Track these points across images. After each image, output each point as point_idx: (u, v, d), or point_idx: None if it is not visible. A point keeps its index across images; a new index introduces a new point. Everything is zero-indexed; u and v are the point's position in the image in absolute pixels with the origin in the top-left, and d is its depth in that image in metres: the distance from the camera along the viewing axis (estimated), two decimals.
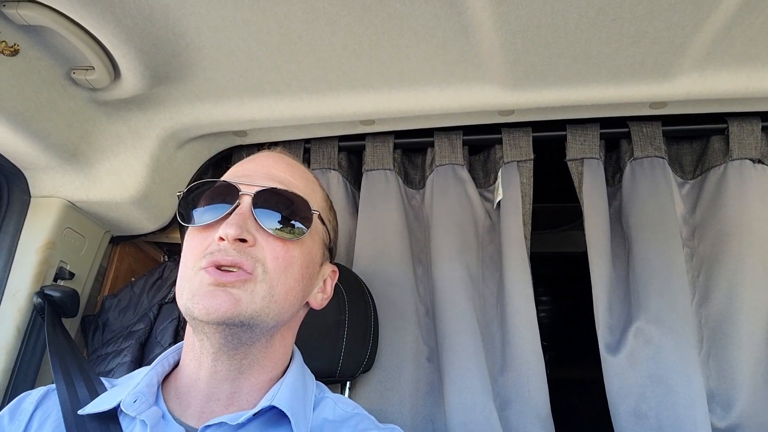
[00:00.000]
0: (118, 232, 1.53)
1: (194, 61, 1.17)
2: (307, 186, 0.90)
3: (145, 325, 1.41)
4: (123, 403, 0.80)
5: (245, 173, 0.86)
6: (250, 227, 0.79)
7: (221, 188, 0.82)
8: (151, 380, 0.84)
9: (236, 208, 0.80)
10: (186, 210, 0.83)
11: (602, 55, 1.14)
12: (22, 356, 1.25)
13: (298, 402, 0.83)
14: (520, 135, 1.49)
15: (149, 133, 1.35)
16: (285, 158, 0.92)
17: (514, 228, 1.41)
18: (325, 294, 0.93)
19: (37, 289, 1.27)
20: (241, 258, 0.76)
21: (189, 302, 0.76)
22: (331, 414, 0.88)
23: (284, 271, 0.80)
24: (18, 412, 0.86)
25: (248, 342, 0.80)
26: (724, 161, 1.41)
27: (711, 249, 1.37)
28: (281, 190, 0.83)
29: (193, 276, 0.77)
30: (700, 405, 1.20)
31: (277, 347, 0.87)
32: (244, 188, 0.81)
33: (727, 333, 1.28)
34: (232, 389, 0.82)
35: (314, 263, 0.87)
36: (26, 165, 1.27)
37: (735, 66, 1.19)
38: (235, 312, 0.75)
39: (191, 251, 0.80)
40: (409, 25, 1.07)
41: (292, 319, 0.88)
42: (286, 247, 0.81)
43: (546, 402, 1.29)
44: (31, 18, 0.99)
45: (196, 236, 0.81)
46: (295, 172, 0.89)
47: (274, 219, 0.80)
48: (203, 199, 0.83)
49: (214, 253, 0.76)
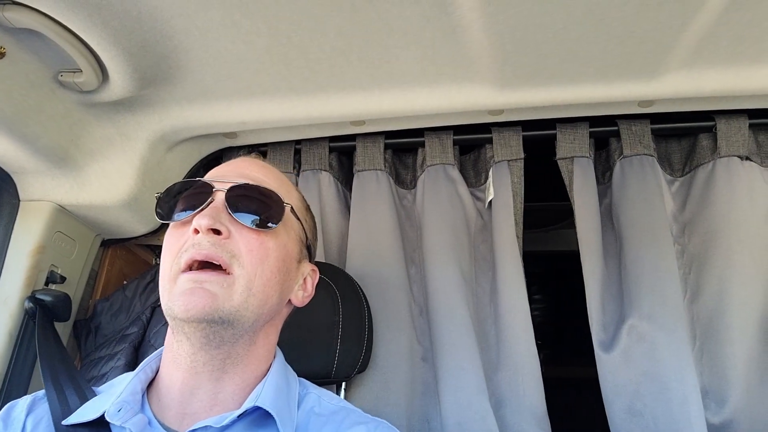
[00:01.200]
0: (108, 236, 1.52)
1: (183, 63, 1.17)
2: (281, 185, 0.91)
3: (138, 329, 1.41)
4: (107, 413, 0.79)
5: (220, 174, 0.89)
6: (224, 220, 0.80)
7: (197, 187, 0.85)
8: (135, 388, 0.83)
9: (211, 202, 0.82)
10: (164, 209, 0.86)
11: (590, 54, 1.14)
12: (15, 362, 1.24)
13: (282, 401, 0.83)
14: (510, 134, 1.49)
15: (139, 136, 1.35)
16: (259, 162, 0.94)
17: (506, 227, 1.41)
18: (306, 292, 0.94)
19: (29, 294, 1.26)
20: (216, 251, 0.77)
21: (169, 302, 0.77)
22: (317, 408, 0.88)
23: (260, 263, 0.81)
24: (10, 420, 0.86)
25: (231, 340, 0.80)
26: (713, 159, 1.42)
27: (701, 246, 1.38)
28: (253, 185, 0.85)
29: (173, 278, 0.78)
30: (694, 401, 1.20)
31: (261, 345, 0.86)
32: (217, 185, 0.83)
33: (719, 329, 1.29)
34: (216, 389, 0.82)
35: (290, 258, 0.88)
36: (15, 169, 1.26)
37: (722, 64, 1.19)
38: (213, 308, 0.75)
39: (169, 250, 0.81)
40: (399, 25, 1.07)
41: (274, 316, 0.88)
42: (261, 239, 0.82)
43: (541, 400, 1.29)
44: (18, 21, 0.98)
45: (174, 234, 0.83)
46: (269, 173, 0.92)
47: (247, 212, 0.82)
48: (180, 198, 0.85)
49: (188, 250, 0.78)
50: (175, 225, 0.84)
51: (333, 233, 1.53)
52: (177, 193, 0.85)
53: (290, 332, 1.00)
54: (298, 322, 1.03)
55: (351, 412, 0.88)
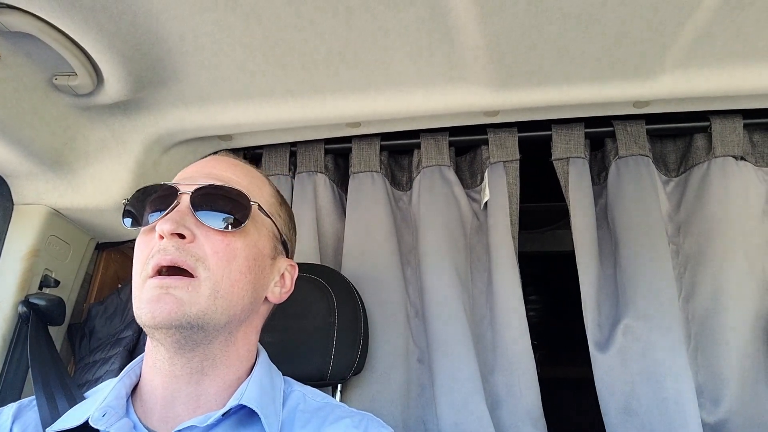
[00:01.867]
0: (103, 239, 1.52)
1: (178, 66, 1.17)
2: (251, 182, 0.90)
3: (133, 332, 1.40)
4: (91, 418, 0.78)
5: (187, 175, 0.88)
6: (189, 223, 0.79)
7: (163, 191, 0.84)
8: (119, 392, 0.83)
9: (175, 206, 0.81)
10: (133, 216, 0.85)
11: (585, 55, 1.14)
12: (8, 366, 1.23)
13: (267, 398, 0.83)
14: (505, 135, 1.50)
15: (134, 139, 1.34)
16: (229, 159, 0.93)
17: (502, 228, 1.41)
18: (285, 288, 0.93)
19: (22, 298, 1.26)
20: (180, 256, 0.77)
21: (138, 310, 0.77)
22: (301, 406, 0.87)
23: (227, 264, 0.80)
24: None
25: (204, 342, 0.80)
26: (708, 159, 1.42)
27: (696, 245, 1.38)
28: (218, 186, 0.84)
29: (142, 284, 0.78)
30: (690, 400, 1.21)
31: (241, 345, 0.86)
32: (182, 188, 0.83)
33: (714, 328, 1.29)
34: (197, 392, 0.81)
35: (263, 256, 0.87)
36: (8, 172, 1.26)
37: (717, 65, 1.20)
38: (179, 313, 0.75)
39: (138, 257, 0.81)
40: (394, 27, 1.07)
41: (251, 315, 0.87)
42: (227, 240, 0.81)
43: (537, 401, 1.30)
44: (13, 24, 0.98)
45: (142, 240, 0.82)
46: (238, 170, 0.90)
47: (213, 214, 0.81)
48: (148, 204, 0.84)
49: (154, 255, 0.77)
50: (143, 231, 0.83)
51: (329, 235, 1.52)
52: (144, 198, 0.85)
53: (285, 334, 1.00)
54: (294, 324, 1.03)
55: (336, 407, 0.88)
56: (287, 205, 0.99)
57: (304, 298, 1.20)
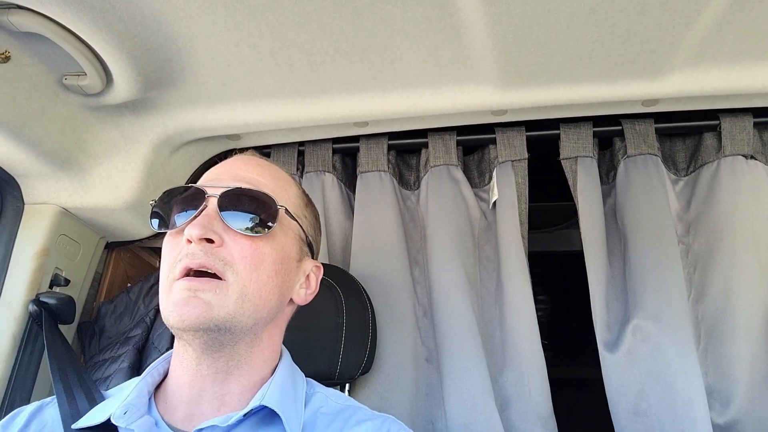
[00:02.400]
0: (113, 238, 1.52)
1: (187, 66, 1.17)
2: (277, 184, 0.90)
3: (142, 331, 1.41)
4: (113, 415, 0.79)
5: (214, 176, 0.88)
6: (217, 228, 0.79)
7: (190, 193, 0.83)
8: (141, 390, 0.84)
9: (203, 210, 0.81)
10: (160, 218, 0.85)
11: (594, 54, 1.14)
12: (19, 364, 1.24)
13: (288, 400, 0.83)
14: (513, 134, 1.49)
15: (143, 138, 1.35)
16: (255, 159, 0.93)
17: (511, 227, 1.41)
18: (310, 289, 0.93)
19: (33, 297, 1.26)
20: (209, 260, 0.77)
21: (166, 311, 0.77)
22: (324, 407, 0.88)
23: (255, 269, 0.80)
24: (12, 426, 0.86)
25: (230, 343, 0.81)
26: (717, 158, 1.41)
27: (706, 245, 1.37)
28: (246, 189, 0.83)
29: (169, 286, 0.78)
30: (700, 401, 1.20)
31: (266, 346, 0.87)
32: (210, 191, 0.82)
33: (724, 329, 1.29)
34: (222, 391, 0.82)
35: (289, 259, 0.87)
36: (19, 172, 1.27)
37: (726, 63, 1.19)
38: (208, 317, 0.75)
39: (165, 259, 0.81)
40: (401, 27, 1.07)
41: (276, 316, 0.87)
42: (255, 245, 0.81)
43: (548, 401, 1.29)
44: (23, 25, 0.98)
45: (170, 242, 0.82)
46: (264, 171, 0.90)
47: (240, 217, 0.81)
48: (174, 205, 0.84)
49: (183, 259, 0.78)
50: (171, 233, 0.83)
51: (337, 234, 1.53)
52: (171, 199, 0.84)
53: (294, 333, 0.99)
54: (302, 323, 1.03)
55: (358, 410, 0.88)
56: (313, 205, 0.99)
57: (313, 298, 1.20)
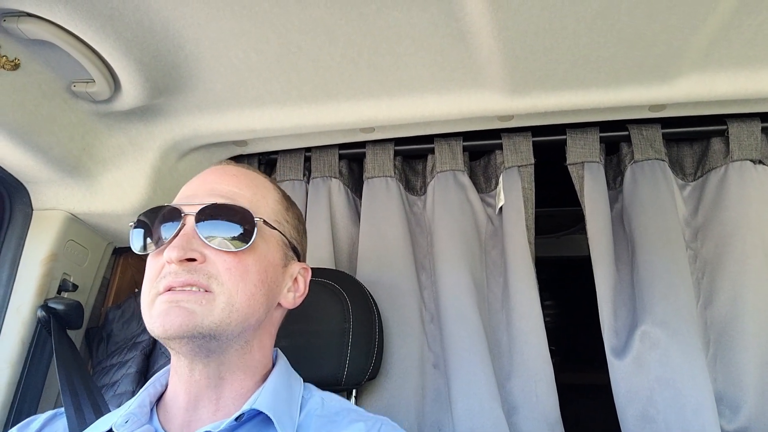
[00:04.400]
0: (120, 244, 1.53)
1: (194, 73, 1.18)
2: (255, 193, 0.89)
3: (150, 336, 1.41)
4: (114, 424, 0.80)
5: (190, 193, 0.88)
6: (196, 245, 0.80)
7: (167, 212, 0.84)
8: (143, 401, 0.85)
9: (181, 229, 0.81)
10: (139, 238, 0.85)
11: (601, 59, 1.14)
12: (27, 370, 1.25)
13: (281, 404, 0.84)
14: (520, 140, 1.49)
15: (150, 145, 1.35)
16: (230, 169, 0.92)
17: (518, 233, 1.41)
18: (298, 292, 0.93)
19: (41, 302, 1.27)
20: (193, 277, 0.78)
21: (149, 323, 0.78)
22: (319, 411, 0.88)
23: (241, 279, 0.81)
24: (26, 430, 0.88)
25: (218, 350, 0.81)
26: (725, 163, 1.41)
27: (714, 251, 1.37)
28: (222, 205, 0.83)
29: (152, 301, 0.79)
30: (709, 408, 1.19)
31: (256, 351, 0.87)
32: (186, 209, 0.82)
33: (733, 335, 1.28)
34: (216, 396, 0.83)
35: (274, 266, 0.87)
36: (28, 178, 1.27)
37: (733, 67, 1.19)
38: (191, 325, 0.76)
39: (147, 276, 0.82)
40: (407, 32, 1.07)
41: (264, 322, 0.88)
42: (238, 258, 0.81)
43: (555, 407, 1.28)
44: (32, 32, 0.99)
45: (151, 261, 0.83)
46: (240, 182, 0.89)
47: (219, 233, 0.81)
48: (153, 225, 0.84)
49: (166, 276, 0.78)
50: (152, 253, 0.83)
51: (343, 240, 1.53)
52: (149, 219, 0.85)
53: (300, 339, 1.00)
54: (309, 328, 1.03)
55: (352, 412, 0.89)
56: (295, 207, 0.98)
57: (319, 303, 1.20)
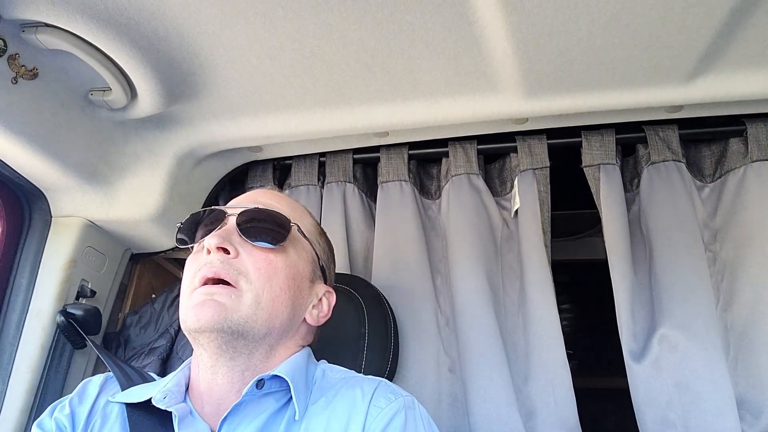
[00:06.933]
0: (137, 250, 1.54)
1: (209, 80, 1.19)
2: (294, 210, 0.98)
3: (167, 342, 1.42)
4: (154, 399, 0.85)
5: (235, 202, 0.97)
6: (234, 240, 0.87)
7: (212, 214, 0.92)
8: (179, 381, 0.90)
9: (222, 227, 0.89)
10: (184, 236, 0.94)
11: (616, 60, 1.13)
12: (47, 374, 1.26)
13: (299, 375, 0.87)
14: (535, 143, 1.48)
15: (166, 152, 1.37)
16: (274, 192, 1.02)
17: (534, 236, 1.40)
18: (322, 312, 0.97)
19: (60, 307, 1.29)
20: (224, 269, 0.84)
21: (184, 315, 0.85)
22: (320, 382, 0.92)
23: (268, 279, 0.86)
24: (84, 396, 0.94)
25: (244, 351, 0.85)
26: (744, 163, 1.39)
27: (734, 252, 1.35)
28: (262, 209, 0.92)
29: (190, 294, 0.86)
30: (730, 412, 1.17)
31: (280, 361, 0.89)
32: (230, 211, 0.91)
33: (754, 338, 1.25)
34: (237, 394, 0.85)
35: (301, 277, 0.93)
36: (47, 186, 1.29)
37: (751, 67, 1.17)
38: (222, 317, 0.81)
39: (187, 272, 0.89)
40: (421, 37, 1.07)
41: (288, 331, 0.91)
42: (269, 258, 0.88)
43: (573, 411, 1.27)
44: (50, 42, 1.01)
45: (193, 257, 0.90)
46: (281, 199, 0.99)
47: (256, 232, 0.89)
48: (198, 226, 0.93)
49: (202, 269, 0.85)
50: (194, 250, 0.91)
51: (358, 244, 1.53)
52: (195, 220, 0.94)
53: (316, 344, 1.00)
54: (324, 333, 1.03)
55: (351, 380, 0.92)
56: (327, 237, 1.06)
57: (335, 308, 1.20)
